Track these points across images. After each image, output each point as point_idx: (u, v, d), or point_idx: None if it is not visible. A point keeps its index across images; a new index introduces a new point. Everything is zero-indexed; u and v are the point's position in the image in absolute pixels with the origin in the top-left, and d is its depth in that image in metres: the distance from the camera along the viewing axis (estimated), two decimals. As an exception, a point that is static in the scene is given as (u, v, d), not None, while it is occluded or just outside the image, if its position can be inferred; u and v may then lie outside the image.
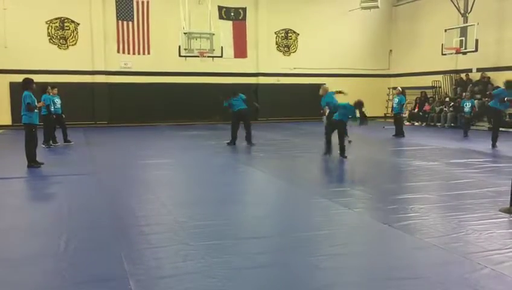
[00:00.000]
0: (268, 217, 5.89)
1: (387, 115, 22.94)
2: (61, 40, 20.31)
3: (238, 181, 8.50)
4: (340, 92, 12.26)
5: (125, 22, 20.91)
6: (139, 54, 21.14)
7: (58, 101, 13.21)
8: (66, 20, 20.32)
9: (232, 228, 5.20)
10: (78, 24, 20.45)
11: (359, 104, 10.00)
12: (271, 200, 7.01)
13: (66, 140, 13.32)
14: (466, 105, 15.44)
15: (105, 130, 18.87)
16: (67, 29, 20.36)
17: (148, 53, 21.26)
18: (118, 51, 20.91)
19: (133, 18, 20.98)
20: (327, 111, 11.91)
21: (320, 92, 12.45)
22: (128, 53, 21.06)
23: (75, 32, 20.46)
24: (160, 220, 5.53)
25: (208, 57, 19.31)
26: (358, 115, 10.06)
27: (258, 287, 3.70)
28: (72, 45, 20.48)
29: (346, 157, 10.19)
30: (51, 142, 12.68)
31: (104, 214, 5.81)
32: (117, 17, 20.79)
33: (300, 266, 4.07)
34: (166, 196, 6.94)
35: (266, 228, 5.40)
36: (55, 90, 13.22)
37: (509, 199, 5.73)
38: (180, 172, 9.32)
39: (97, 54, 20.68)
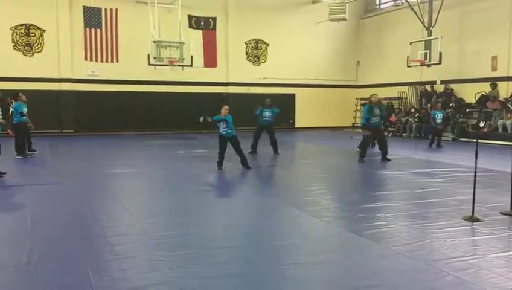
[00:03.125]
0: (236, 227, 5.87)
1: (356, 125, 23.32)
2: (26, 47, 19.84)
3: (207, 191, 8.45)
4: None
5: (93, 30, 20.62)
6: (107, 61, 20.86)
7: (25, 109, 12.87)
8: (31, 27, 19.87)
9: (200, 238, 5.16)
10: (44, 31, 20.03)
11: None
12: (239, 210, 7.00)
13: (30, 149, 12.97)
14: (437, 116, 15.44)
15: (71, 138, 18.48)
16: (32, 36, 19.90)
17: (117, 61, 21.00)
18: (86, 59, 20.59)
19: (101, 25, 20.71)
20: None
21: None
22: (96, 61, 20.76)
23: (40, 39, 20.03)
24: (127, 231, 5.44)
25: (178, 66, 19.23)
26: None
27: (226, 297, 3.67)
28: (38, 52, 20.03)
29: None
30: (26, 151, 12.37)
31: (68, 225, 5.67)
32: (84, 24, 20.49)
33: (268, 275, 4.06)
34: (134, 206, 6.84)
35: (234, 237, 5.38)
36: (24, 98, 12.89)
37: (471, 208, 5.90)
38: (148, 182, 9.20)
39: (63, 62, 20.28)
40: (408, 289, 3.77)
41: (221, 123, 10.18)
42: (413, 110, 21.08)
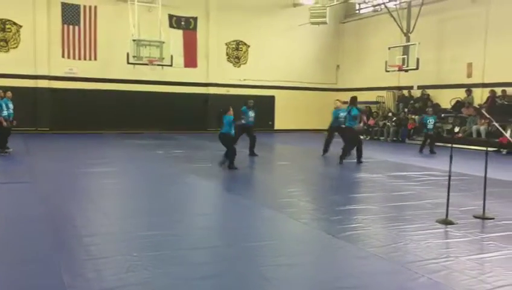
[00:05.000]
0: (214, 228, 5.86)
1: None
2: (1, 42, 19.45)
3: (184, 191, 8.40)
4: None
5: (71, 26, 20.31)
6: (85, 59, 20.58)
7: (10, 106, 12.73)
8: (7, 22, 19.48)
9: (177, 239, 5.13)
10: (21, 26, 19.66)
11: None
12: (217, 211, 6.99)
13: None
14: (429, 122, 15.18)
15: (47, 137, 18.15)
16: (8, 32, 19.52)
17: (95, 59, 20.74)
18: (63, 56, 20.28)
19: (79, 22, 20.42)
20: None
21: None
22: (74, 58, 20.46)
23: (16, 34, 19.65)
24: (102, 231, 5.37)
25: (158, 65, 19.12)
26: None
27: (202, 298, 3.66)
28: (14, 47, 19.65)
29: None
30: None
31: (42, 224, 5.56)
32: (62, 21, 20.18)
33: (246, 276, 4.06)
34: (109, 206, 6.76)
35: (212, 238, 5.36)
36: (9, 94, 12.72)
37: (445, 211, 6.01)
38: (125, 181, 9.09)
39: (40, 58, 19.93)
40: (383, 291, 3.82)
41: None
42: (390, 114, 21.36)
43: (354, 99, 12.12)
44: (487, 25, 18.04)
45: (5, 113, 12.19)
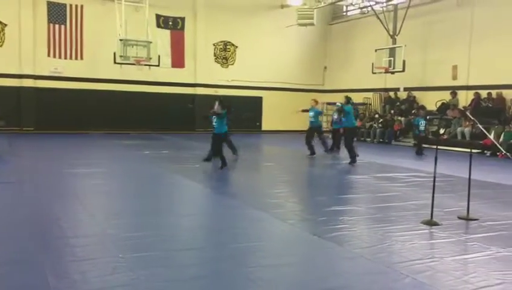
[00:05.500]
0: (200, 229, 5.85)
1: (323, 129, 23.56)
2: (-14, 41, 19.18)
3: (171, 192, 8.38)
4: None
5: (57, 25, 20.11)
6: (71, 58, 20.39)
7: None
8: (-8, 20, 19.23)
9: (163, 240, 5.11)
10: (6, 25, 19.41)
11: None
12: (204, 212, 6.98)
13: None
14: (421, 124, 15.23)
15: (32, 136, 17.95)
16: (-7, 30, 19.26)
17: (81, 58, 20.57)
18: (49, 55, 20.06)
19: (65, 21, 20.22)
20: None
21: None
22: (60, 57, 20.25)
23: (1, 33, 19.40)
24: (88, 232, 5.33)
25: (145, 65, 19.02)
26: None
27: (188, 299, 3.65)
28: (-2, 46, 19.39)
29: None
30: None
31: (27, 225, 5.50)
32: (48, 19, 19.97)
33: (232, 277, 4.07)
34: (96, 207, 6.71)
35: (198, 239, 5.36)
36: None
37: (430, 212, 6.08)
38: (111, 182, 9.03)
39: (25, 57, 19.69)
40: (368, 291, 3.85)
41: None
42: (377, 116, 21.52)
43: (347, 99, 12.79)
44: (472, 28, 18.27)
45: None
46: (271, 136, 22.71)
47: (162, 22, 22.07)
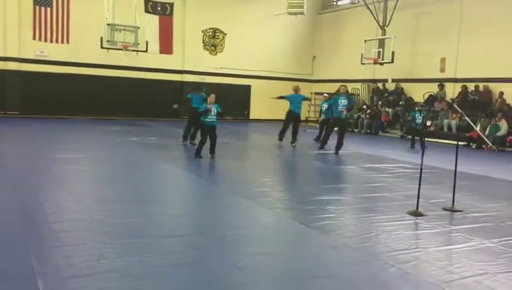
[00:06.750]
0: (187, 216, 5.83)
1: (309, 119, 23.63)
2: (-31, 22, 18.74)
3: (158, 179, 8.33)
4: None
5: (43, 8, 19.73)
6: (56, 42, 20.05)
7: None
8: (-25, 1, 18.79)
9: (149, 227, 5.08)
10: (-10, 6, 19.00)
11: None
12: (191, 199, 6.95)
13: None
14: (418, 116, 15.16)
15: (16, 121, 17.67)
16: (-24, 11, 18.83)
17: (67, 42, 20.24)
18: (34, 38, 19.70)
19: (51, 4, 19.84)
20: None
21: None
22: (45, 41, 19.91)
23: (-15, 14, 18.97)
24: (73, 218, 5.27)
25: (132, 50, 18.76)
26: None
27: (174, 286, 3.64)
28: (-18, 28, 18.98)
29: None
30: None
31: (10, 210, 5.43)
32: (34, 1, 19.57)
33: (218, 264, 4.06)
34: (81, 193, 6.64)
35: (185, 226, 5.34)
36: None
37: (415, 203, 6.13)
38: (97, 168, 8.95)
39: (10, 40, 19.30)
40: (353, 280, 3.87)
41: (210, 111, 9.98)
42: (365, 106, 21.60)
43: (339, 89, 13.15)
44: (461, 21, 18.37)
45: None
46: (259, 124, 22.68)
47: (151, 7, 21.79)
